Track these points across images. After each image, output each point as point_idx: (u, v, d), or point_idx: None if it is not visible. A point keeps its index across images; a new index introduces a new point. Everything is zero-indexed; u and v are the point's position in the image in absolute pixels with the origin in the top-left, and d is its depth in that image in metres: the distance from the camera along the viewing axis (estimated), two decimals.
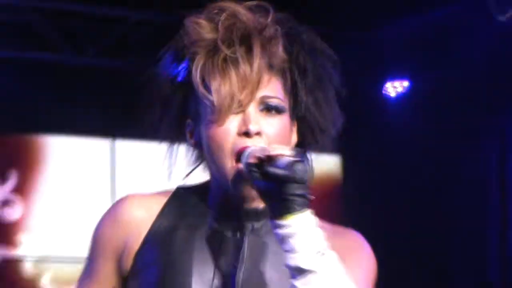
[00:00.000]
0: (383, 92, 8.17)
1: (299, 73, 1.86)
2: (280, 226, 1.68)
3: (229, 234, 1.92)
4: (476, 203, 7.92)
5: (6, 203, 7.51)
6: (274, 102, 1.82)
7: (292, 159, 1.67)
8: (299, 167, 1.67)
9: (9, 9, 7.22)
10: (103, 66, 7.62)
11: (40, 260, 7.73)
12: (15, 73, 7.50)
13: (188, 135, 1.95)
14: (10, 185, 7.61)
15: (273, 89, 1.82)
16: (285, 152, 1.70)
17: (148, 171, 6.90)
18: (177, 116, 1.98)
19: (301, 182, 1.66)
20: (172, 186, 1.96)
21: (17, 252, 7.62)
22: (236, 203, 1.88)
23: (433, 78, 8.04)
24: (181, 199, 1.99)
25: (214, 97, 1.79)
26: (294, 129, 1.85)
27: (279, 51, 1.85)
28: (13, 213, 7.69)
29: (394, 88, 8.15)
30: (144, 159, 7.35)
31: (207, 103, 1.82)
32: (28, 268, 7.66)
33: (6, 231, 7.70)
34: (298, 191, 1.66)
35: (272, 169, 1.68)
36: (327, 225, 1.81)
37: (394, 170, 7.91)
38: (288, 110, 1.82)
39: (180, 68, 1.90)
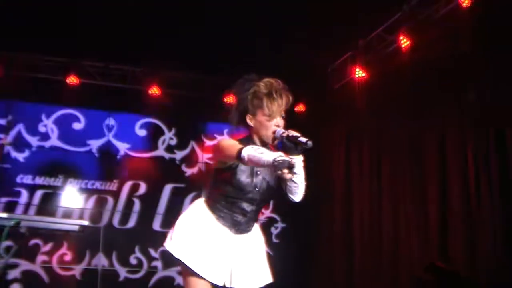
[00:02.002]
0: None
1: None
2: (292, 159, 3.20)
3: None
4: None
5: None
6: (284, 115, 3.54)
7: (305, 139, 3.27)
8: (309, 142, 3.27)
9: None
10: None
11: None
12: None
13: (248, 120, 3.53)
14: None
15: (286, 109, 3.52)
16: (298, 134, 3.33)
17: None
18: (243, 112, 3.57)
19: (308, 146, 3.27)
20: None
21: None
22: (263, 144, 3.51)
23: None
24: (243, 143, 3.35)
25: (270, 111, 3.47)
26: None
27: (289, 96, 3.53)
28: None
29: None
30: None
31: (267, 113, 3.47)
32: None
33: None
34: (303, 148, 3.30)
35: (301, 140, 3.28)
36: None
37: None
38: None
39: (257, 99, 3.49)
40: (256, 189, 3.54)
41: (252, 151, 3.19)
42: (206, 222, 3.56)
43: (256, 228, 3.75)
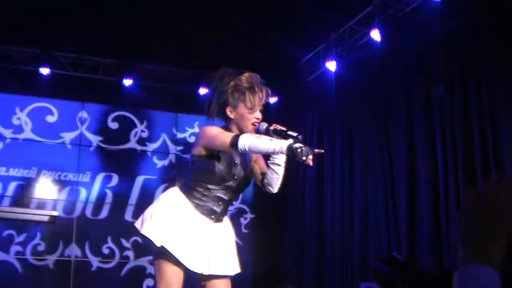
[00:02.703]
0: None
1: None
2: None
3: None
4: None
5: None
6: (262, 107, 3.60)
7: (296, 133, 3.37)
8: (300, 136, 3.35)
9: None
10: None
11: None
12: None
13: (228, 112, 3.56)
14: None
15: (264, 102, 3.60)
16: (285, 128, 3.46)
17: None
18: (223, 105, 3.60)
19: (299, 140, 3.32)
20: None
21: None
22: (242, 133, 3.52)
23: None
24: None
25: (252, 104, 3.52)
26: None
27: (268, 90, 3.60)
28: None
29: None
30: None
31: (248, 106, 3.51)
32: None
33: None
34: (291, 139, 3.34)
35: (291, 134, 3.36)
36: None
37: None
38: None
39: (238, 92, 3.53)
40: (235, 177, 3.59)
41: (254, 139, 3.29)
42: (185, 210, 3.58)
43: (227, 219, 3.79)
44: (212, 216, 3.60)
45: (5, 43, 8.97)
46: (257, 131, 3.51)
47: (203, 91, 9.27)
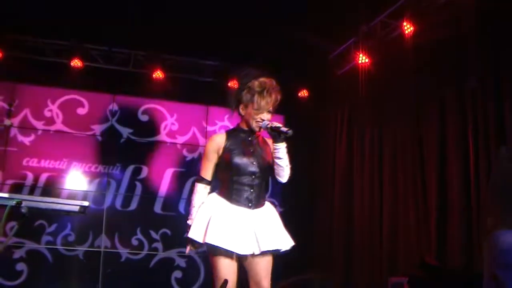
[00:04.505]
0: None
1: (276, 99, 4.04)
2: (277, 146, 3.88)
3: (249, 138, 4.02)
4: None
5: None
6: (271, 110, 3.97)
7: (286, 129, 3.79)
8: (289, 131, 3.76)
9: None
10: None
11: None
12: None
13: (240, 109, 4.00)
14: None
15: (273, 106, 3.96)
16: (280, 124, 3.85)
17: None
18: (238, 102, 4.03)
19: (288, 134, 3.79)
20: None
21: None
22: (251, 130, 4.01)
23: None
24: (231, 132, 4.08)
25: (258, 106, 3.91)
26: None
27: (278, 95, 3.96)
28: None
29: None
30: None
31: (255, 107, 3.91)
32: None
33: None
34: (284, 136, 3.81)
35: (282, 130, 3.78)
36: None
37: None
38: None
39: (249, 93, 3.94)
40: (254, 163, 3.94)
41: (193, 198, 3.95)
42: (221, 206, 3.93)
43: (268, 204, 4.11)
44: (249, 205, 3.94)
45: (36, 36, 9.09)
46: (261, 128, 3.96)
47: (232, 84, 9.32)
